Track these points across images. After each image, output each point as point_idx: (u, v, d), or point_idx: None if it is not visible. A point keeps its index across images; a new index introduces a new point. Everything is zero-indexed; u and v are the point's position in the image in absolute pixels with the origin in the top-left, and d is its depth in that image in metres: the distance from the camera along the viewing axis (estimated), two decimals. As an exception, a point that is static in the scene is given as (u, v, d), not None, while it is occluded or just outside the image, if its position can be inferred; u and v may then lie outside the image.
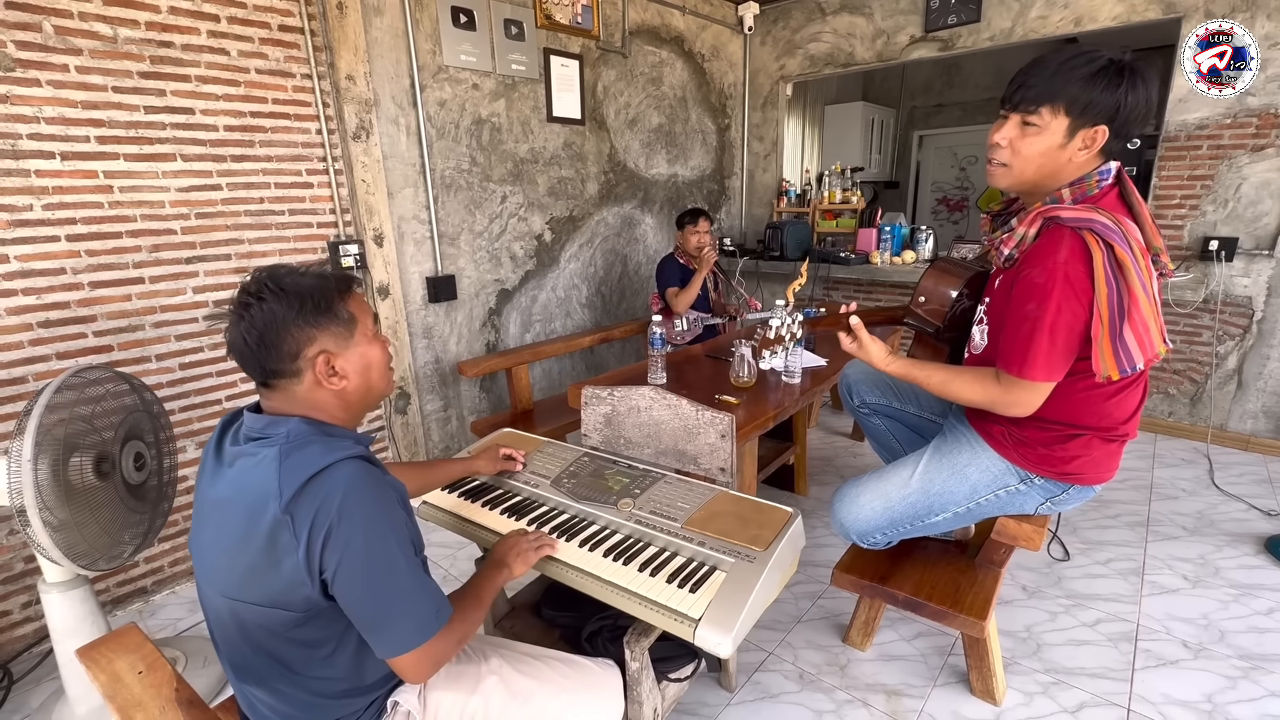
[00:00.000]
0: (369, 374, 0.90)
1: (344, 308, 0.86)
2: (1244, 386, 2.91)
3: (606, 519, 1.22)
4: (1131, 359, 1.08)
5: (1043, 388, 1.17)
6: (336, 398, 0.87)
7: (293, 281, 0.83)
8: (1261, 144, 2.68)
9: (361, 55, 2.29)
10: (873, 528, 1.47)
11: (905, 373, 1.33)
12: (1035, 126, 1.14)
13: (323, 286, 0.84)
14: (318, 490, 0.77)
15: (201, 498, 0.88)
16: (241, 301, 0.81)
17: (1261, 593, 1.93)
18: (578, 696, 1.05)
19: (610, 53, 3.27)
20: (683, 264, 3.04)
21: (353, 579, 0.78)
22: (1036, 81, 1.13)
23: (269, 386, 0.86)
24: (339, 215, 2.33)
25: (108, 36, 1.78)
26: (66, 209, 1.78)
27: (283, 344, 0.81)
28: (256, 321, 0.80)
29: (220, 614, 0.86)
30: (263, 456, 0.79)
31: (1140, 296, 1.07)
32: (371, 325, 0.91)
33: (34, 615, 1.83)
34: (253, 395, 0.93)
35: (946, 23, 3.38)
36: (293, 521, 0.76)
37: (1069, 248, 1.09)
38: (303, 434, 0.81)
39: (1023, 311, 1.15)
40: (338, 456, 0.79)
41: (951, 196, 6.08)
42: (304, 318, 0.82)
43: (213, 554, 0.84)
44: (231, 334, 0.82)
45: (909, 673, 1.66)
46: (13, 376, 1.74)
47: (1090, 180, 1.16)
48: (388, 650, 0.81)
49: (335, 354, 0.85)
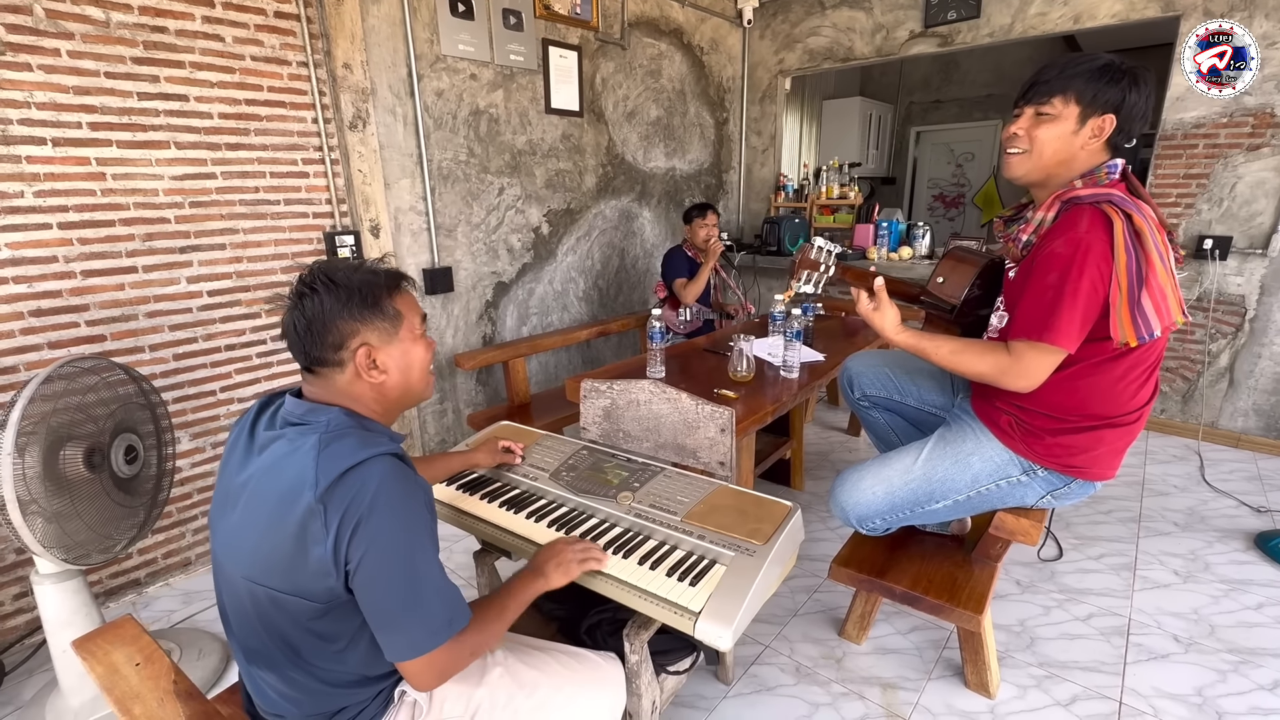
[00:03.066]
0: (410, 372, 0.92)
1: (391, 304, 0.89)
2: (1235, 384, 2.93)
3: (606, 512, 1.22)
4: (1149, 325, 1.12)
5: (1055, 355, 1.19)
6: (375, 391, 0.89)
7: (344, 276, 0.86)
8: (1257, 144, 2.70)
9: (358, 43, 2.26)
10: (873, 512, 1.48)
11: (915, 343, 1.33)
12: (1049, 115, 1.22)
13: (372, 282, 0.88)
14: (353, 483, 0.77)
15: (229, 479, 0.87)
16: (297, 291, 0.86)
17: (1251, 588, 1.95)
18: (582, 688, 1.05)
19: (609, 44, 3.25)
20: (690, 256, 3.06)
21: (373, 574, 0.78)
22: (1047, 77, 1.22)
23: (312, 373, 0.88)
24: (335, 205, 2.31)
25: (100, 20, 1.75)
26: (58, 196, 1.75)
27: (328, 334, 0.84)
28: (307, 310, 0.84)
29: (239, 596, 0.85)
30: (301, 443, 0.80)
31: (1158, 264, 1.11)
32: (418, 325, 0.93)
33: (26, 607, 1.82)
34: (248, 387, 0.93)
35: (946, 18, 3.38)
36: (325, 511, 0.76)
37: (1090, 219, 1.14)
38: (343, 425, 0.83)
39: (1045, 281, 1.17)
40: (375, 451, 0.80)
41: (948, 193, 6.09)
42: (350, 310, 0.85)
43: (239, 536, 0.84)
44: (285, 319, 0.86)
45: (904, 666, 1.67)
46: (3, 366, 1.72)
47: (1100, 172, 1.22)
48: (396, 653, 0.81)
49: (377, 348, 0.87)
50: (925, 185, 6.19)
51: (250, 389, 2.17)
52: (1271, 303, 2.78)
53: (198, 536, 2.15)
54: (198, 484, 2.12)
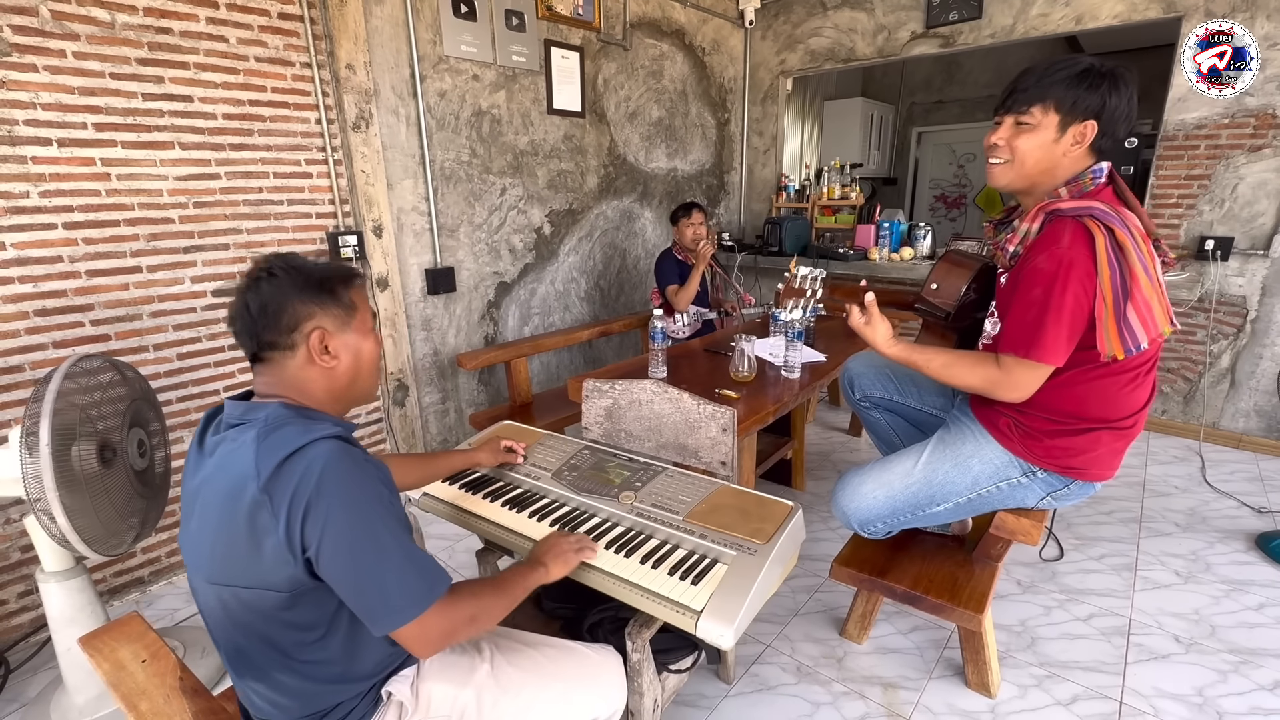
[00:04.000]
0: (360, 363, 0.93)
1: (346, 294, 0.91)
2: (1237, 385, 2.93)
3: (608, 511, 1.23)
4: (1136, 338, 1.12)
5: (1043, 370, 1.20)
6: (325, 378, 0.89)
7: (301, 262, 0.89)
8: (1259, 144, 2.70)
9: (361, 44, 2.27)
10: (874, 516, 1.48)
11: (906, 356, 1.35)
12: (1028, 125, 1.22)
13: (330, 270, 0.90)
14: (294, 468, 0.77)
15: (186, 490, 0.88)
16: (253, 275, 0.86)
17: (1252, 588, 1.95)
18: (574, 685, 1.04)
19: (611, 45, 3.25)
20: (680, 259, 3.00)
21: (337, 555, 0.77)
22: (1026, 86, 1.22)
23: (260, 360, 0.88)
24: (338, 206, 2.32)
25: (105, 22, 1.76)
26: (64, 196, 1.76)
27: (283, 316, 0.85)
28: (263, 293, 0.85)
29: (210, 603, 0.86)
30: (241, 440, 0.81)
31: (1141, 277, 1.11)
32: (369, 320, 0.95)
33: (30, 605, 1.83)
34: (249, 387, 0.93)
35: (948, 19, 3.38)
36: (271, 500, 0.76)
37: (1072, 233, 1.14)
38: (281, 417, 0.83)
39: (1029, 297, 1.17)
40: (315, 436, 0.80)
41: (949, 193, 6.09)
42: (307, 294, 0.86)
43: (198, 542, 0.84)
44: (236, 304, 0.86)
45: (905, 665, 1.67)
46: (9, 365, 1.73)
47: (1085, 178, 1.22)
48: (383, 625, 0.80)
49: (331, 334, 0.88)
50: (927, 186, 6.19)
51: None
52: (1273, 303, 2.78)
53: (201, 535, 2.16)
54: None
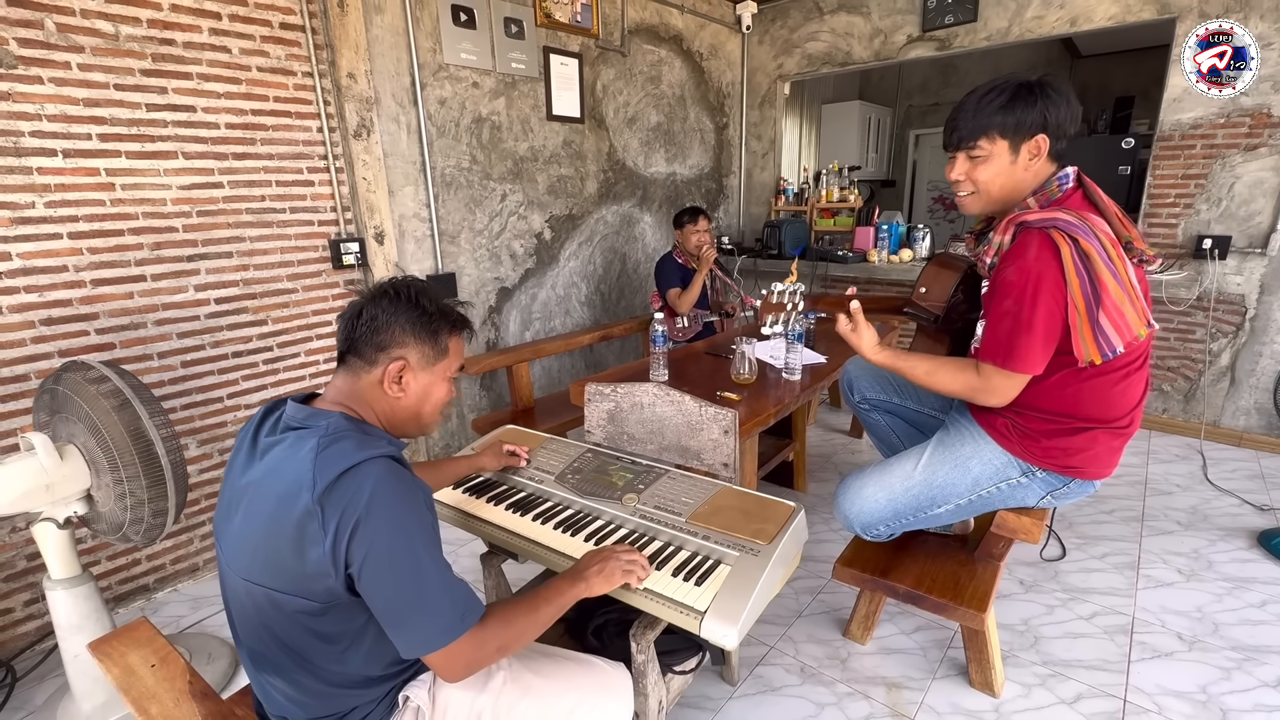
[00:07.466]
0: (425, 403, 0.97)
1: (445, 339, 0.96)
2: (1237, 383, 2.94)
3: (611, 514, 1.24)
4: (1111, 343, 1.15)
5: (1020, 379, 1.23)
6: (387, 403, 0.94)
7: (426, 297, 0.94)
8: (1254, 143, 2.71)
9: (362, 53, 2.29)
10: (876, 519, 1.49)
11: (891, 363, 1.37)
12: (980, 157, 1.27)
13: (443, 312, 0.95)
14: (350, 484, 0.79)
15: (232, 483, 0.89)
16: (382, 288, 0.93)
17: (1254, 586, 1.96)
18: (587, 696, 1.04)
19: (609, 51, 3.28)
20: (681, 263, 3.03)
21: (378, 575, 0.79)
22: (964, 122, 1.27)
23: (343, 361, 0.93)
24: (340, 213, 2.33)
25: (109, 34, 1.78)
26: (69, 206, 1.77)
27: (380, 333, 0.90)
28: (379, 306, 0.91)
29: (241, 599, 0.87)
30: (300, 446, 0.82)
31: (1110, 284, 1.14)
32: (454, 369, 1.00)
33: (36, 613, 1.84)
34: (254, 394, 0.96)
35: (943, 22, 3.40)
36: (322, 513, 0.77)
37: (1038, 246, 1.17)
38: (341, 428, 0.84)
39: (1001, 309, 1.21)
40: (371, 454, 0.82)
41: (948, 195, 6.10)
42: (411, 325, 0.92)
43: (241, 540, 0.85)
44: (355, 302, 0.93)
45: (909, 665, 1.67)
46: (15, 374, 1.74)
47: (1051, 186, 1.25)
48: (413, 649, 0.82)
49: (411, 368, 0.93)
50: (925, 188, 6.21)
51: (257, 395, 2.19)
52: (1271, 301, 2.79)
53: (205, 542, 2.16)
54: (205, 490, 2.14)
